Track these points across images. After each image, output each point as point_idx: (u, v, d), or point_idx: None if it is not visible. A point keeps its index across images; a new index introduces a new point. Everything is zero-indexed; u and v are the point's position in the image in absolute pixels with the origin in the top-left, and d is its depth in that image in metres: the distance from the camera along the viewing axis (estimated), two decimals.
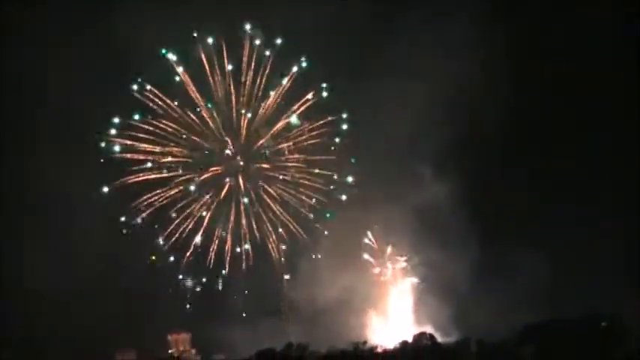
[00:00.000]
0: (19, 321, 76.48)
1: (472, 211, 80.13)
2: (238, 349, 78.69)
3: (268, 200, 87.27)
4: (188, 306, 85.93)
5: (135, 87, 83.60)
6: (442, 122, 79.61)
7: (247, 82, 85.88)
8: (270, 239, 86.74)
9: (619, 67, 79.94)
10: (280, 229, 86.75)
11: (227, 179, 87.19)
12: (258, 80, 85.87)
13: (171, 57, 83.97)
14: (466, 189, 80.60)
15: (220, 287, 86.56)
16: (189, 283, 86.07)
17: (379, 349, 75.25)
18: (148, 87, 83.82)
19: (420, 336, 75.89)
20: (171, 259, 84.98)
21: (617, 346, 66.92)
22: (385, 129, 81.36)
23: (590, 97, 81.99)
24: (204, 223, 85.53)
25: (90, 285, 77.34)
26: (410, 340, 76.07)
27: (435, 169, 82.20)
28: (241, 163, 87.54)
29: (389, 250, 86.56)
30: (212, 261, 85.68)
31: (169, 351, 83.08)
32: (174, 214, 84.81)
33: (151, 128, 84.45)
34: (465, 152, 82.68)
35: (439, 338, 76.08)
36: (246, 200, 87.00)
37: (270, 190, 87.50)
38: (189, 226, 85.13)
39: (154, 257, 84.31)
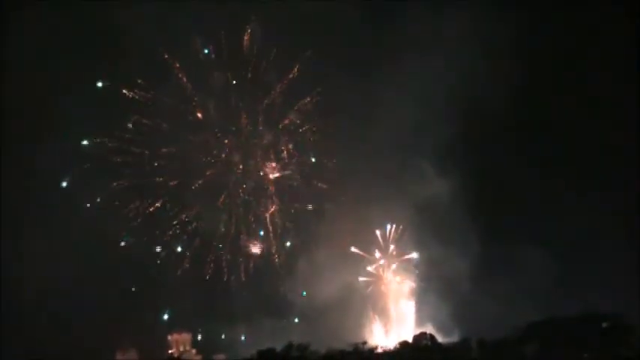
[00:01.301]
0: (19, 320, 76.37)
1: (474, 209, 79.63)
2: (239, 350, 78.43)
3: (268, 201, 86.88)
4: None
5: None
6: (443, 118, 79.22)
7: (248, 79, 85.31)
8: (270, 240, 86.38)
9: (621, 64, 79.03)
10: (280, 230, 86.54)
11: (225, 181, 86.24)
12: (259, 76, 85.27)
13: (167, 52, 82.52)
14: (468, 187, 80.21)
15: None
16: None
17: (379, 350, 74.72)
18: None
19: (421, 336, 75.32)
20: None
21: (620, 345, 66.08)
22: (385, 125, 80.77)
23: (596, 93, 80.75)
24: (203, 226, 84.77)
25: (91, 284, 77.19)
26: (410, 340, 75.60)
27: (437, 167, 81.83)
28: (241, 166, 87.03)
29: (390, 248, 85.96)
30: (212, 264, 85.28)
31: (170, 351, 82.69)
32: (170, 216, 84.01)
33: (142, 128, 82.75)
34: (467, 149, 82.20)
35: (440, 338, 75.40)
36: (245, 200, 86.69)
37: (270, 191, 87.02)
38: (188, 229, 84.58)
39: None
